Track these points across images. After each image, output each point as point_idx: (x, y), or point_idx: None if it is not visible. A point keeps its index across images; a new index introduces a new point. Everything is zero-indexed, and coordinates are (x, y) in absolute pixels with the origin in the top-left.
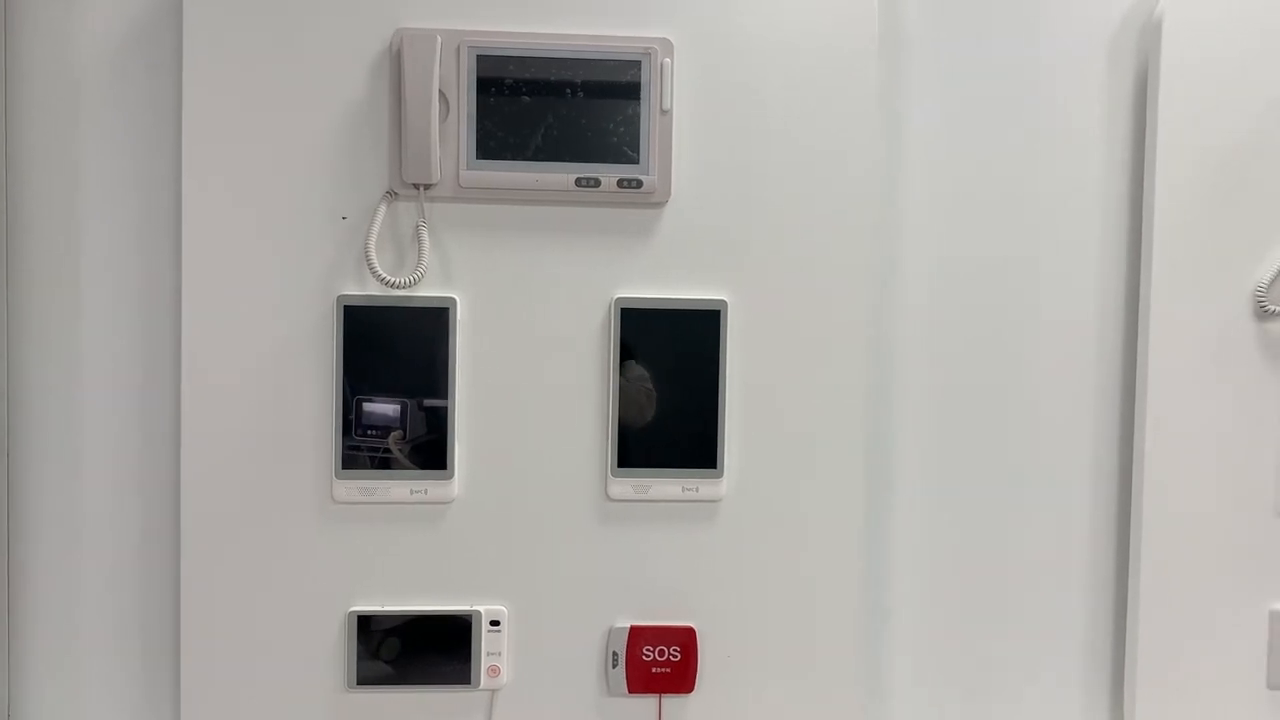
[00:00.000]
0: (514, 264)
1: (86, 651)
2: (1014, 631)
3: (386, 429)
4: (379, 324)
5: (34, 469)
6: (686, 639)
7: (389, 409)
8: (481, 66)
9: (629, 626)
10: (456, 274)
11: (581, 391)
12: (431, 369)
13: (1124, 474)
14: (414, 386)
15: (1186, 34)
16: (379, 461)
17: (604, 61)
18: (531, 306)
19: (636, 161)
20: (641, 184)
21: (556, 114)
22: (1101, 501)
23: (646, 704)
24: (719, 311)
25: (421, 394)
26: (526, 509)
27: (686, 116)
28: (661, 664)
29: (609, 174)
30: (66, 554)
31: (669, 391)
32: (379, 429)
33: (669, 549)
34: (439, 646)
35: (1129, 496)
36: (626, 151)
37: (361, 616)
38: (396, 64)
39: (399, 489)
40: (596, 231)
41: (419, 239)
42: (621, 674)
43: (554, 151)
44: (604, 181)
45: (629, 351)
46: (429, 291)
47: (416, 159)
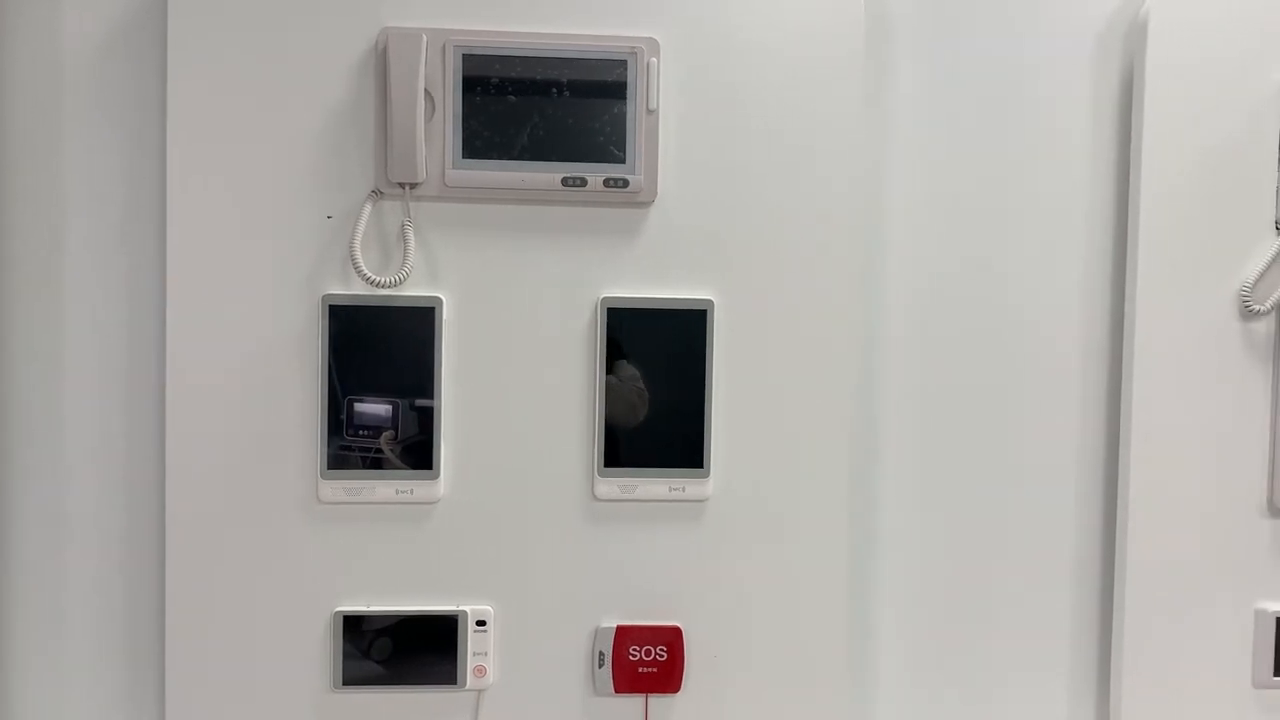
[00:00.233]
0: (500, 264)
1: (71, 652)
2: (1001, 630)
3: (378, 429)
4: (365, 324)
5: (18, 468)
6: (673, 639)
7: (381, 409)
8: (467, 65)
9: (615, 626)
10: (442, 273)
11: (568, 391)
12: (417, 369)
13: (1110, 472)
14: (399, 386)
15: (1172, 35)
16: (371, 461)
17: (590, 61)
18: (518, 306)
19: (623, 161)
20: (628, 183)
21: (543, 113)
22: (1088, 500)
23: (633, 704)
24: (705, 311)
25: (407, 394)
26: (513, 509)
27: (673, 116)
28: (648, 664)
29: (595, 173)
30: (51, 554)
31: (656, 391)
32: (370, 429)
33: (655, 549)
34: (425, 647)
35: (1115, 495)
36: (613, 151)
37: (347, 617)
38: (382, 63)
39: (385, 489)
40: (583, 231)
41: (404, 238)
42: (608, 674)
43: (540, 151)
44: (590, 181)
45: (620, 351)
46: (414, 291)
47: (402, 158)
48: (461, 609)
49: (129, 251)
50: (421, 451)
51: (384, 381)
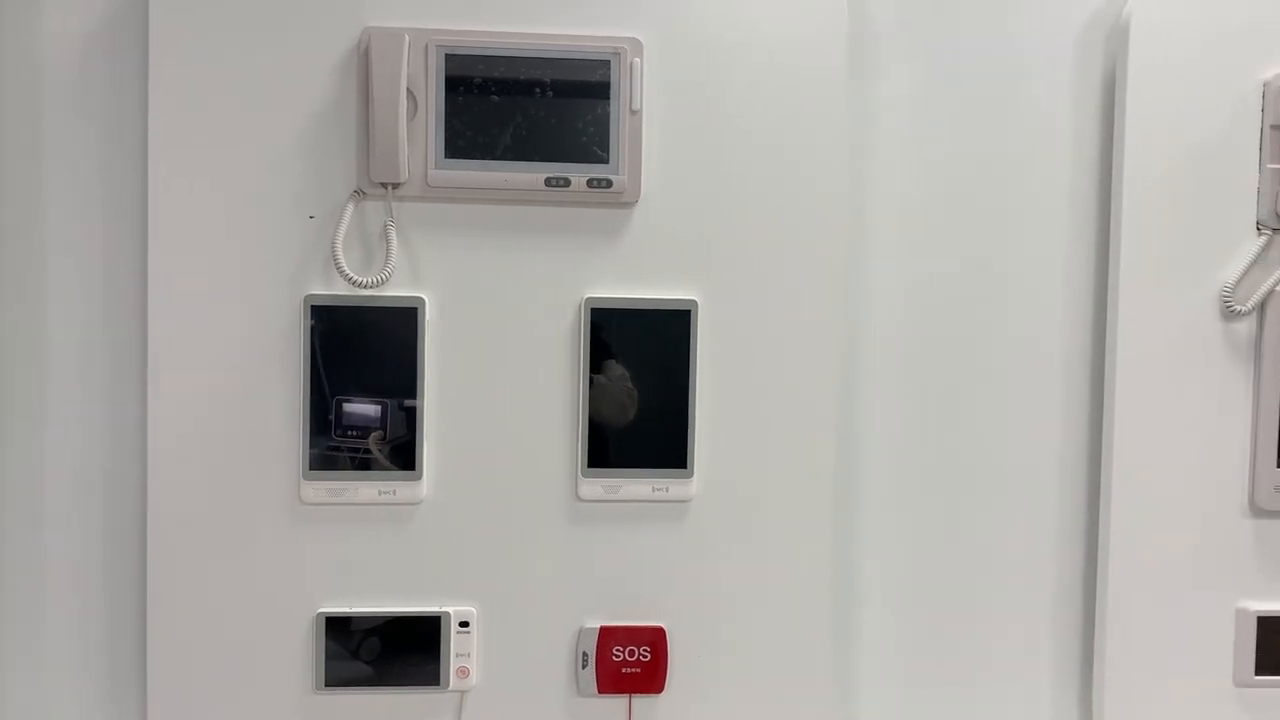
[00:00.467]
0: (483, 264)
1: (52, 653)
2: (984, 629)
3: (367, 429)
4: (347, 324)
5: None
6: (656, 639)
7: (370, 409)
8: (450, 65)
9: (599, 627)
10: (425, 274)
11: (551, 392)
12: (400, 370)
13: (1093, 472)
14: (382, 387)
15: (1154, 35)
16: (360, 462)
17: (573, 61)
18: (501, 306)
19: (606, 161)
20: (611, 184)
21: (526, 113)
22: (1070, 500)
23: (616, 704)
24: (689, 311)
25: (389, 394)
26: (496, 510)
27: (657, 116)
28: (631, 664)
29: (578, 174)
30: (31, 555)
31: (641, 392)
32: (359, 429)
33: (639, 549)
34: (408, 648)
35: (1098, 494)
36: (596, 151)
37: (330, 618)
38: (364, 63)
39: (367, 490)
40: (566, 231)
41: (387, 238)
42: (591, 674)
43: (523, 151)
44: (573, 181)
45: (608, 351)
46: (397, 291)
47: (384, 158)
48: (444, 610)
49: (110, 251)
50: (409, 452)
51: (366, 382)
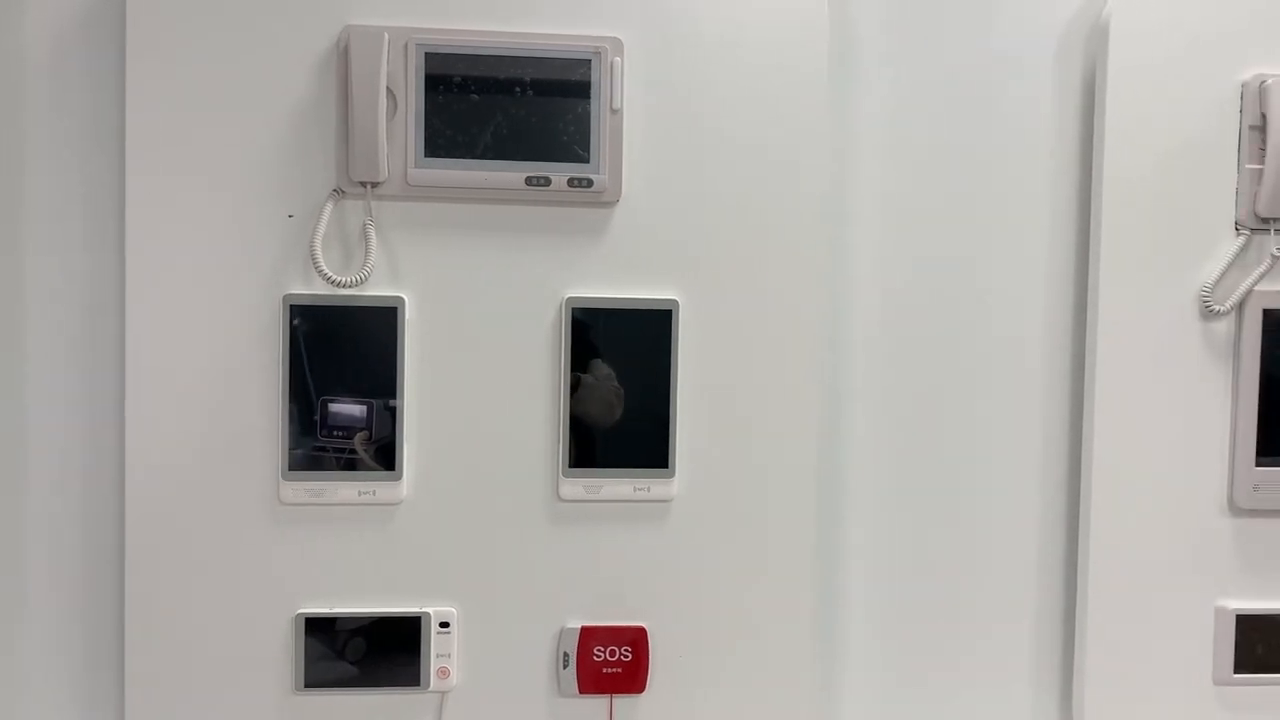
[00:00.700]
0: (463, 263)
1: (29, 655)
2: (965, 629)
3: (352, 430)
4: (327, 324)
5: None
6: (638, 639)
7: (355, 410)
8: (430, 64)
9: (580, 627)
10: (405, 273)
11: (532, 392)
12: (380, 370)
13: (1073, 471)
14: (362, 387)
15: (1134, 37)
16: (345, 463)
17: (554, 60)
18: (481, 306)
19: (587, 161)
20: (592, 183)
21: (506, 112)
22: (1051, 499)
23: (598, 704)
24: (671, 311)
25: (368, 394)
26: (477, 510)
27: (638, 116)
28: (613, 664)
29: (559, 173)
30: (8, 555)
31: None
32: (345, 430)
33: (621, 549)
34: (388, 648)
35: (1078, 494)
36: (577, 150)
37: (309, 619)
38: (343, 61)
39: (347, 490)
40: (547, 231)
41: (366, 238)
42: (572, 674)
43: (503, 150)
44: (554, 180)
45: (590, 350)
46: (377, 291)
47: (364, 157)
48: (425, 611)
49: (88, 250)
50: (394, 452)
51: (347, 382)
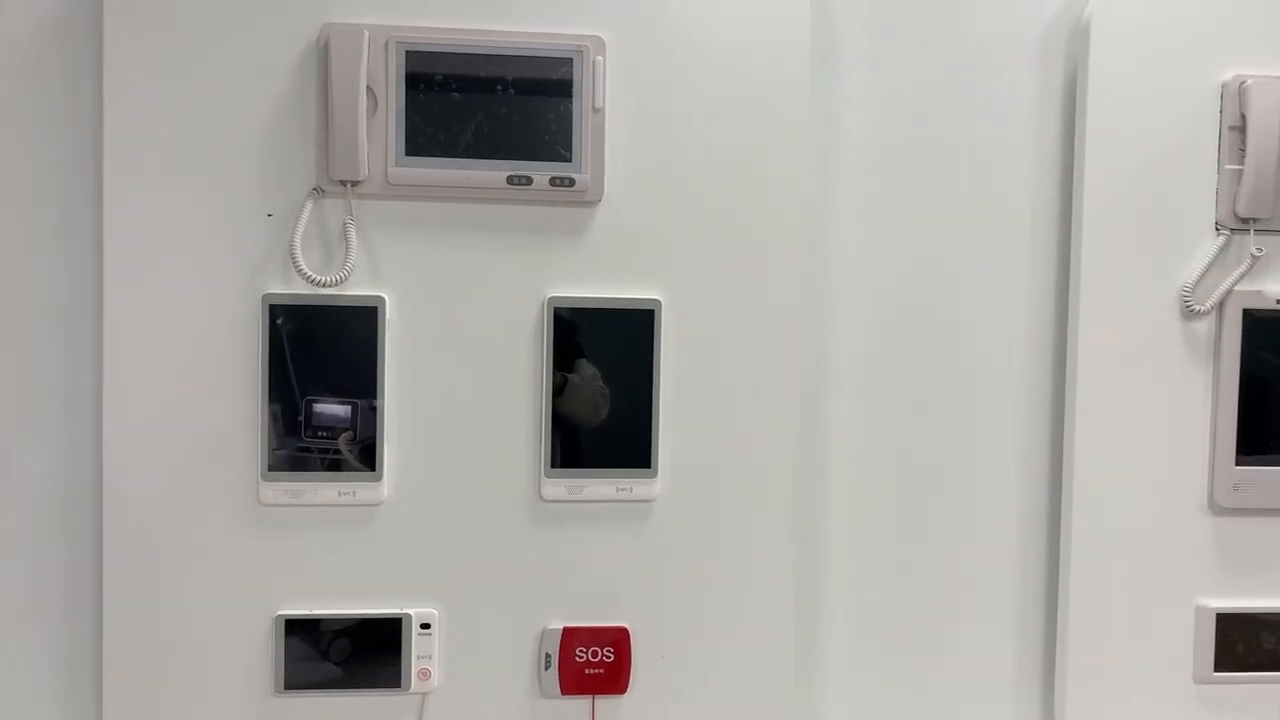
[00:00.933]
0: (445, 262)
1: (5, 657)
2: (947, 628)
3: (337, 430)
4: (309, 323)
5: None
6: (620, 639)
7: (340, 410)
8: (410, 62)
9: (562, 628)
10: (385, 272)
11: (515, 392)
12: (360, 369)
13: (1054, 471)
14: (342, 387)
15: (1114, 38)
16: (330, 463)
17: (535, 58)
18: (463, 305)
19: (569, 160)
20: (574, 182)
21: (487, 111)
22: (1033, 498)
23: (580, 705)
24: (653, 311)
25: (349, 394)
26: (458, 511)
27: (620, 115)
28: (595, 665)
29: (541, 172)
30: None
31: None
32: (329, 430)
33: (603, 549)
34: (368, 650)
35: (1059, 493)
36: (559, 150)
37: (289, 620)
38: (323, 59)
39: (327, 491)
40: (529, 230)
41: (346, 237)
42: (554, 675)
43: (485, 149)
44: (536, 180)
45: (576, 350)
46: (357, 290)
47: (344, 155)
48: (406, 612)
49: (65, 250)
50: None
51: (327, 382)
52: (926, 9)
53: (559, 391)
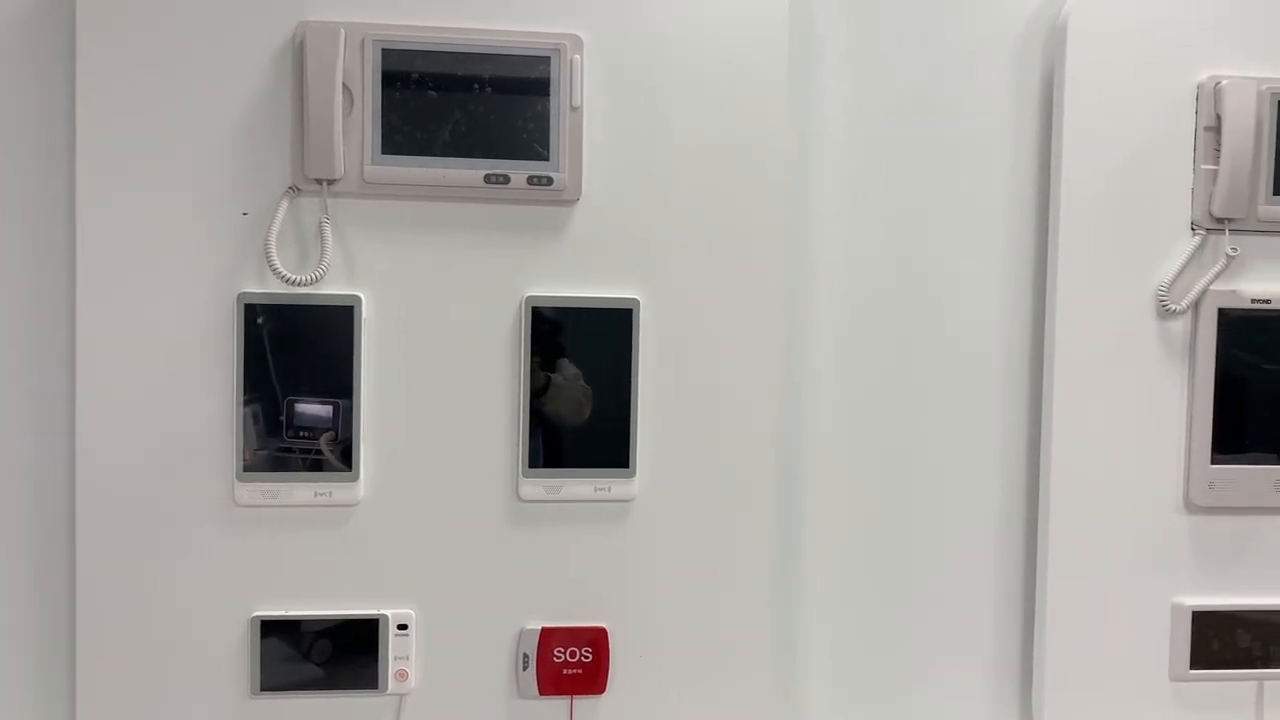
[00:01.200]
0: (422, 261)
1: None
2: (925, 628)
3: (318, 430)
4: (283, 322)
5: None
6: (598, 639)
7: (322, 410)
8: (387, 60)
9: (540, 628)
10: (362, 271)
11: (492, 391)
12: (336, 369)
13: (1032, 470)
14: (319, 386)
15: (1091, 38)
16: (311, 463)
17: (513, 57)
18: (440, 304)
19: (547, 158)
20: (552, 181)
21: (464, 109)
22: (1010, 498)
23: (558, 705)
24: (631, 310)
25: (325, 394)
26: (435, 511)
27: (598, 114)
28: (573, 665)
29: (518, 171)
30: None
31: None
32: (310, 430)
33: (581, 549)
34: (345, 651)
35: (1036, 492)
36: (536, 148)
37: (265, 621)
38: (299, 57)
39: (303, 491)
40: (506, 229)
41: (322, 235)
42: (532, 676)
43: (462, 147)
44: (513, 178)
45: (554, 350)
46: (333, 289)
47: (319, 153)
48: (383, 613)
49: (37, 248)
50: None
51: (303, 382)
52: (904, 8)
53: (542, 391)
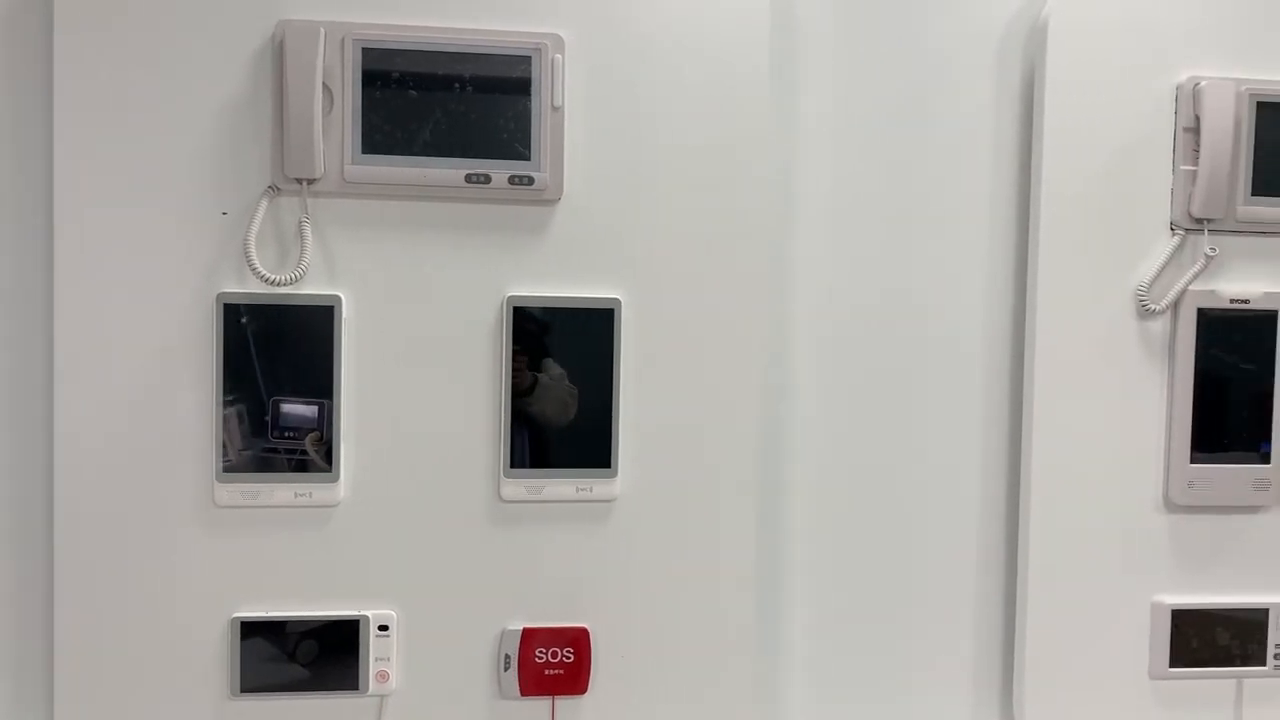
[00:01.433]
0: (402, 261)
1: None
2: (907, 628)
3: (304, 430)
4: (263, 322)
5: None
6: (580, 640)
7: (307, 410)
8: (367, 59)
9: (521, 628)
10: (342, 271)
11: (474, 392)
12: (317, 368)
13: (1013, 469)
14: (299, 387)
15: (1072, 39)
16: (297, 464)
17: (494, 56)
18: (421, 305)
19: (528, 158)
20: (533, 181)
21: (445, 109)
22: (991, 497)
23: (540, 706)
24: (613, 310)
25: (305, 394)
26: (416, 512)
27: (579, 114)
28: (554, 665)
29: (500, 170)
30: None
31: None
32: (296, 430)
33: (562, 550)
34: (326, 652)
35: (1017, 491)
36: (517, 148)
37: (245, 623)
38: (279, 56)
39: (283, 492)
40: (488, 229)
41: (302, 235)
42: (514, 676)
43: (443, 146)
44: (494, 178)
45: (537, 349)
46: (313, 289)
47: (299, 152)
48: (364, 614)
49: (14, 249)
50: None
51: (283, 382)
52: (886, 9)
53: (529, 391)
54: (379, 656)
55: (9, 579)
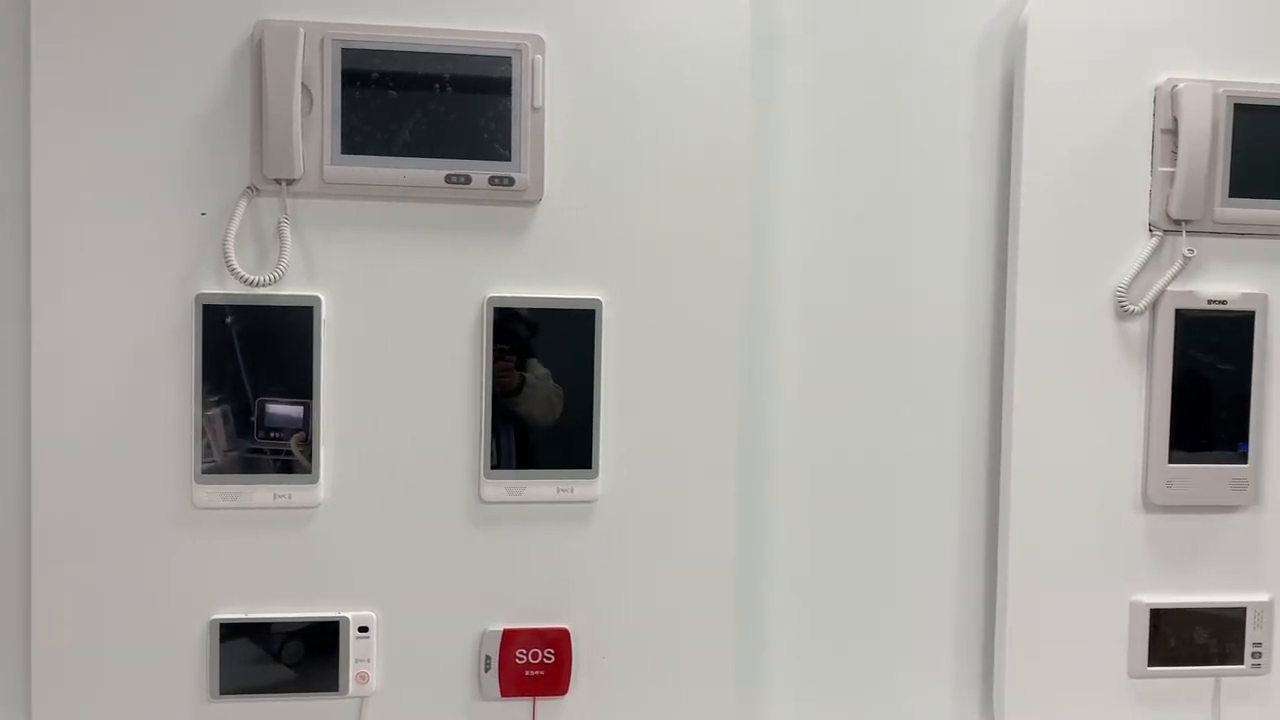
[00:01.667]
0: (382, 262)
1: None
2: (887, 628)
3: (290, 430)
4: (243, 323)
5: None
6: (560, 640)
7: (293, 410)
8: (346, 59)
9: (502, 629)
10: (321, 272)
11: (454, 392)
12: (296, 369)
13: (992, 469)
14: (277, 388)
15: (1051, 40)
16: (282, 464)
17: (474, 57)
18: (401, 305)
19: (508, 159)
20: (514, 181)
21: (425, 109)
22: (971, 496)
23: (520, 707)
24: (594, 311)
25: (283, 394)
26: (396, 513)
27: (560, 114)
28: (535, 666)
29: (480, 171)
30: None
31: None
32: (281, 431)
33: (543, 550)
34: (306, 653)
35: (996, 491)
36: (498, 149)
37: (225, 624)
38: (258, 56)
39: (262, 494)
40: (468, 229)
41: (281, 236)
42: (494, 677)
43: (422, 147)
44: (475, 179)
45: (520, 350)
46: (292, 290)
47: (278, 153)
48: (343, 615)
49: None
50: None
51: (261, 382)
52: (867, 10)
53: (516, 391)
54: (359, 658)
55: None
